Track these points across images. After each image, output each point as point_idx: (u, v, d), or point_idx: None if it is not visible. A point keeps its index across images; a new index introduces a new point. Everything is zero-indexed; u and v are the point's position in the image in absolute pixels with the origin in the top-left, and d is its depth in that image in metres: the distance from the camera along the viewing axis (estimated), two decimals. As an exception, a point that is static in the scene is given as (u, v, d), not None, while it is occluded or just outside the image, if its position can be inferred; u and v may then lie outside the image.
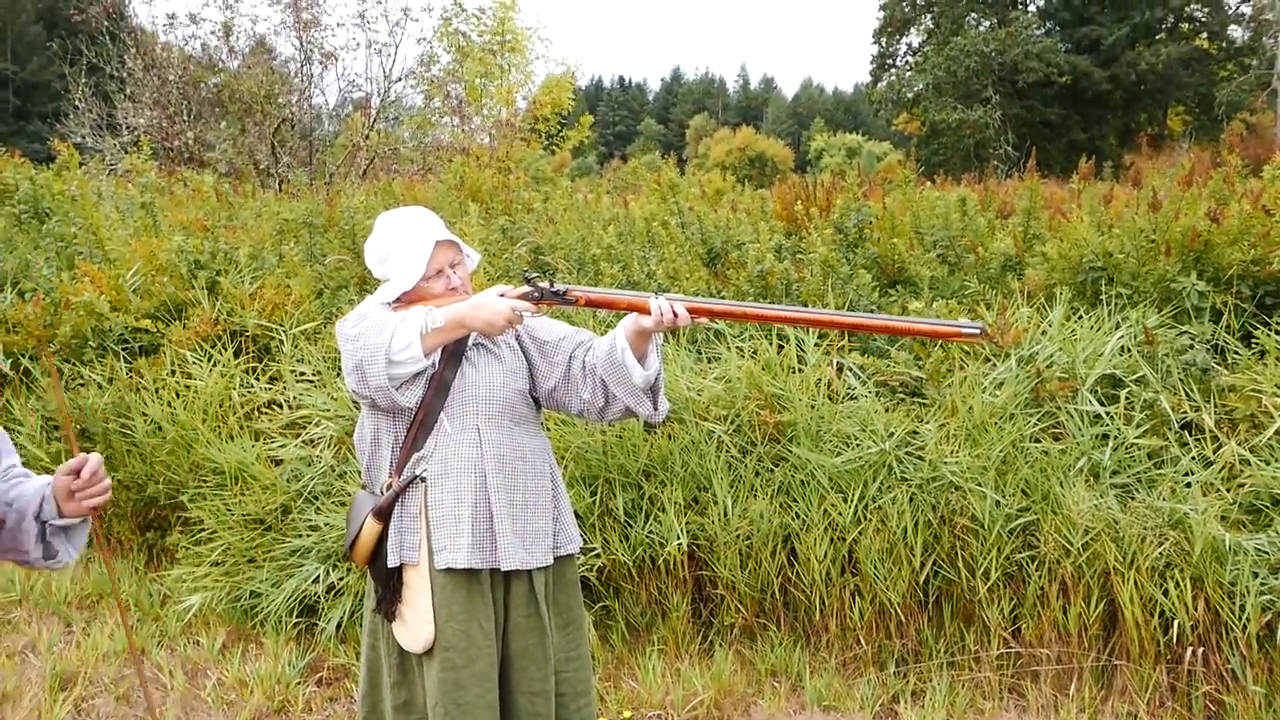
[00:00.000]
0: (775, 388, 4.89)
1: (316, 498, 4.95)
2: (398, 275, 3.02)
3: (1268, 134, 32.12)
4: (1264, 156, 10.56)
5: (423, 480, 2.98)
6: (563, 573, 3.16)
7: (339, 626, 4.66)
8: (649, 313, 2.93)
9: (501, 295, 2.96)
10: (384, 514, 2.97)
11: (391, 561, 2.96)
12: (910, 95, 38.96)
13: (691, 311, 2.96)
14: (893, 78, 40.86)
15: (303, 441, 5.16)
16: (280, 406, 5.46)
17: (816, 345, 5.09)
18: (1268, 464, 4.43)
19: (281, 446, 5.18)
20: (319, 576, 4.68)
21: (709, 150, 57.35)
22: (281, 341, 5.74)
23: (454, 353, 3.01)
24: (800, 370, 5.00)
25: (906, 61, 40.92)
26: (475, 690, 2.92)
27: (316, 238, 7.09)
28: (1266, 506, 4.39)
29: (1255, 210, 5.75)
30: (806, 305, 5.72)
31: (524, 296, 2.99)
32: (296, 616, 4.76)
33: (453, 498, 2.95)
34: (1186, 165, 10.50)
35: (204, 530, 5.12)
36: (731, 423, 4.86)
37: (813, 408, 4.80)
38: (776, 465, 4.76)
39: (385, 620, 3.03)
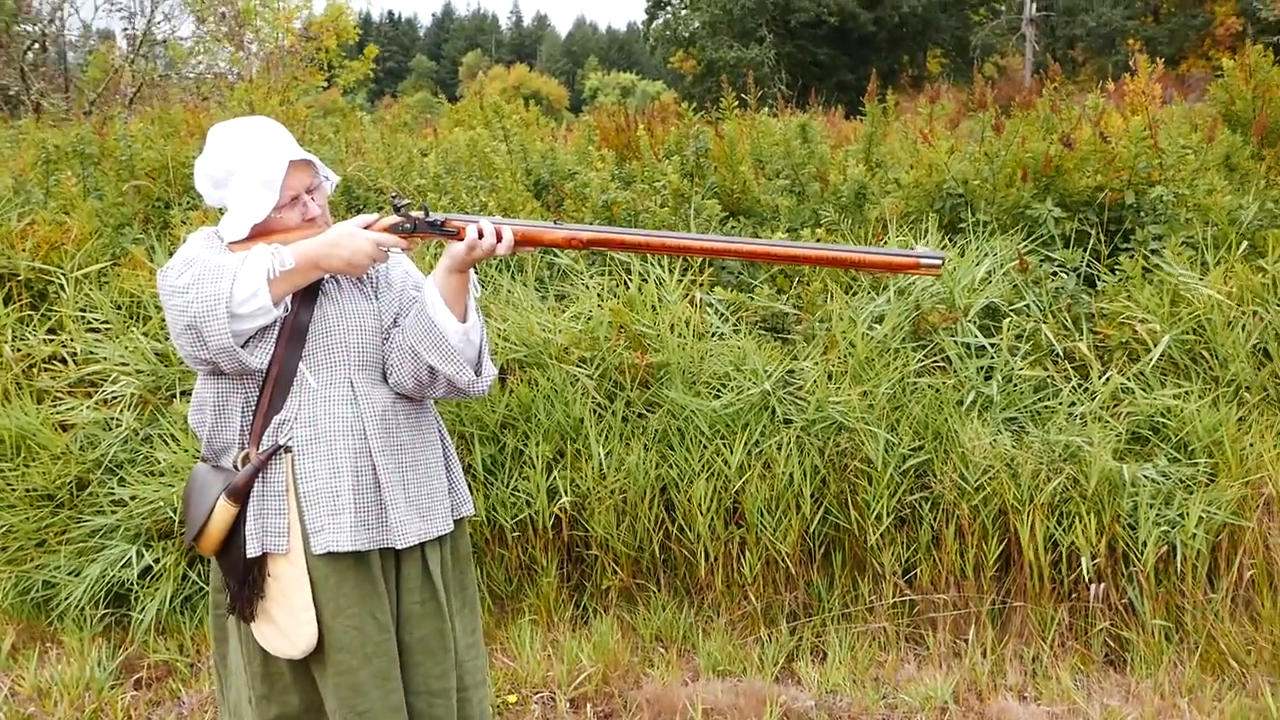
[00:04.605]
0: (643, 326, 4.48)
1: (120, 466, 4.24)
2: (242, 204, 2.41)
3: (1017, 76, 33.73)
4: (1015, 98, 10.96)
5: (287, 450, 2.44)
6: (458, 544, 2.68)
7: (157, 616, 4.01)
8: (548, 244, 2.50)
9: (366, 227, 2.45)
10: (240, 494, 2.41)
11: (251, 551, 2.40)
12: (687, 34, 38.95)
13: (593, 243, 2.52)
14: (669, 15, 40.76)
15: (97, 402, 4.42)
16: (65, 362, 4.68)
17: (679, 281, 4.69)
18: (1147, 391, 4.35)
19: (71, 409, 4.43)
20: (130, 559, 4.01)
21: (483, 88, 55.96)
22: (62, 286, 4.92)
23: (307, 290, 2.46)
24: (661, 307, 4.59)
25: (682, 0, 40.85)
26: (377, 694, 2.44)
27: (90, 169, 6.19)
28: (1149, 435, 4.31)
29: (1093, 137, 5.69)
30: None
31: (392, 228, 2.48)
32: (104, 608, 4.06)
33: (327, 466, 2.43)
34: (949, 106, 10.65)
35: (-22, 511, 4.33)
36: (596, 366, 4.43)
37: (683, 348, 4.43)
38: (650, 411, 4.37)
39: (242, 621, 2.49)
